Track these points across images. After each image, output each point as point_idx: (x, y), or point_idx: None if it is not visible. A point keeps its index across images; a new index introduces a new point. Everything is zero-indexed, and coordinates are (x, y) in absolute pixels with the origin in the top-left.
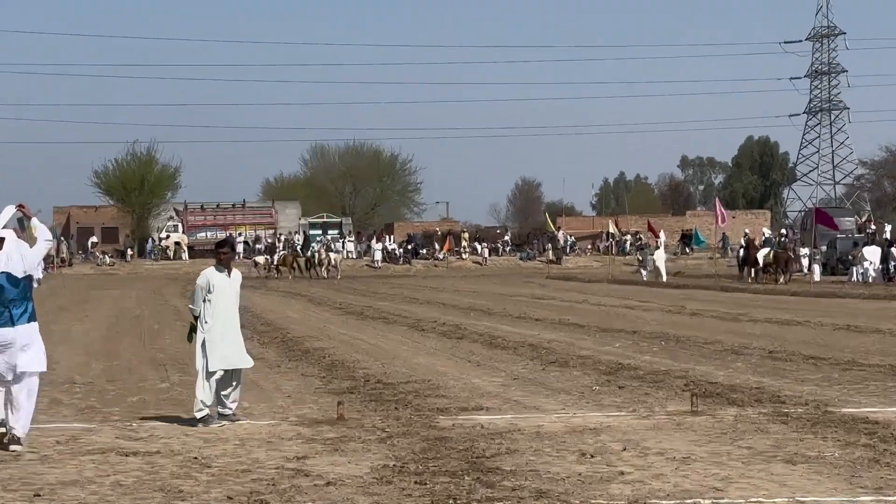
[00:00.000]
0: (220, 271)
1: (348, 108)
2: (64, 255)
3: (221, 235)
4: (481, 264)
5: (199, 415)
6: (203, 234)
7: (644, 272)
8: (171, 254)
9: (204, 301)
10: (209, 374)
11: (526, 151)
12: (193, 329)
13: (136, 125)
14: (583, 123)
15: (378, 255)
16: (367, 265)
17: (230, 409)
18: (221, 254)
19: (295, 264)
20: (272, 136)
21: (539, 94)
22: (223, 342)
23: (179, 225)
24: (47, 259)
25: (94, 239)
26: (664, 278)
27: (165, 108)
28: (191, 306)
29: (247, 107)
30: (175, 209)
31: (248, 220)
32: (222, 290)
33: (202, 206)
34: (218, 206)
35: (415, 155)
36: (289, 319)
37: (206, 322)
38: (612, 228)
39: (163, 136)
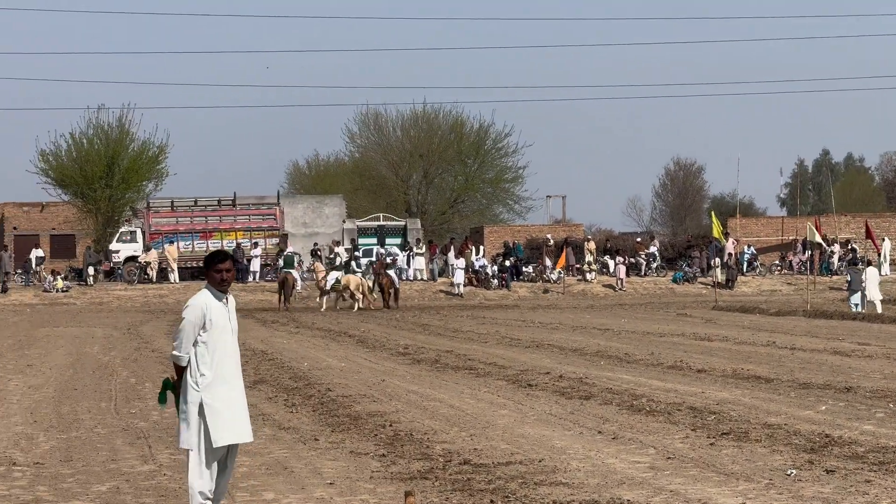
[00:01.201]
0: (219, 299)
1: (414, 56)
2: None
3: (204, 247)
4: (615, 288)
5: None
6: (171, 244)
7: (855, 300)
8: (152, 274)
9: (195, 344)
10: (211, 454)
11: (681, 120)
12: (170, 385)
13: (100, 83)
14: (763, 78)
15: (460, 276)
16: (443, 290)
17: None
18: (223, 272)
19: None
20: (302, 97)
21: (692, 33)
22: (229, 405)
23: (138, 232)
24: None
25: (39, 252)
26: (879, 308)
27: (144, 58)
28: (176, 353)
29: (263, 55)
30: (132, 209)
31: (240, 224)
32: (223, 326)
33: (172, 203)
34: (196, 202)
35: (514, 126)
36: (330, 370)
37: (201, 375)
38: (811, 235)
39: (141, 97)
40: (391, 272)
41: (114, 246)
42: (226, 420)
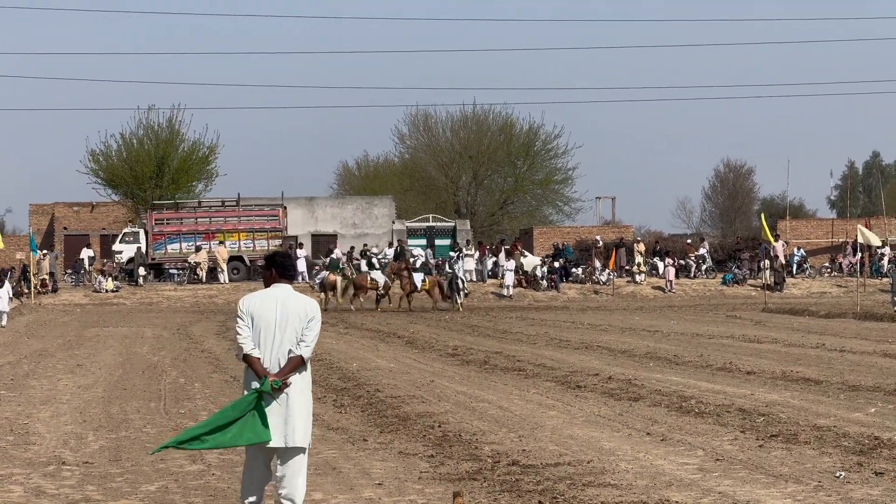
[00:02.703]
0: None
1: (464, 57)
2: (45, 277)
3: (205, 247)
4: (664, 290)
5: None
6: (175, 246)
7: None
8: (202, 274)
9: None
10: None
11: (730, 120)
12: (268, 386)
13: (150, 84)
14: (813, 80)
15: (509, 278)
16: (493, 291)
17: None
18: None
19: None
20: (352, 98)
21: (741, 35)
22: None
23: (141, 232)
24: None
25: (89, 252)
26: None
27: (194, 59)
28: (311, 353)
29: (312, 56)
30: (137, 210)
31: (243, 226)
32: None
33: (176, 204)
34: (200, 203)
35: (565, 127)
36: (379, 371)
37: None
38: (861, 237)
39: (191, 98)
40: (420, 274)
41: (117, 247)
42: None
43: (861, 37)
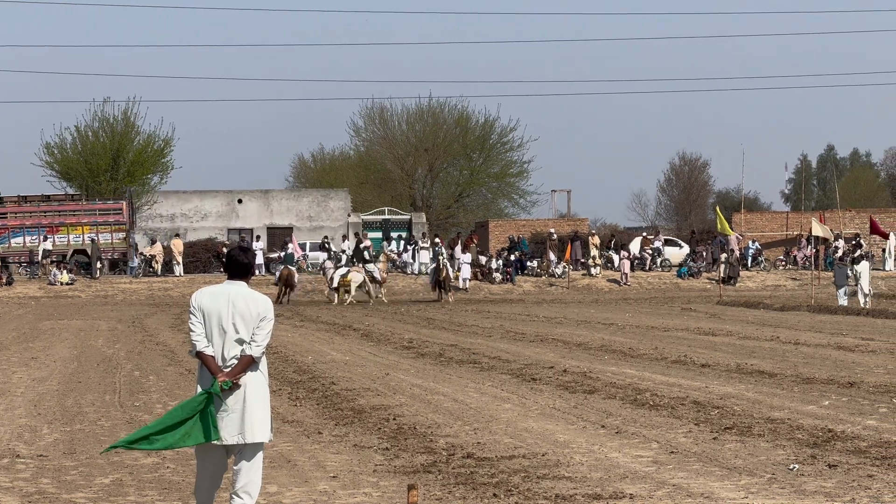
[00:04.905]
0: None
1: (420, 50)
2: None
3: (50, 242)
4: (620, 283)
5: None
6: (19, 240)
7: (842, 294)
8: (157, 267)
9: None
10: None
11: (685, 114)
12: (217, 389)
13: (106, 76)
14: (769, 73)
15: (465, 271)
16: None
17: None
18: None
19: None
20: (307, 90)
21: (697, 29)
22: None
23: None
24: None
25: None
26: (867, 302)
27: (150, 52)
28: (263, 350)
29: (269, 49)
30: None
31: (86, 219)
32: None
33: (24, 197)
34: (49, 198)
35: (520, 120)
36: (334, 364)
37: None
38: (816, 230)
39: (147, 91)
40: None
41: None
42: None
43: (815, 31)
